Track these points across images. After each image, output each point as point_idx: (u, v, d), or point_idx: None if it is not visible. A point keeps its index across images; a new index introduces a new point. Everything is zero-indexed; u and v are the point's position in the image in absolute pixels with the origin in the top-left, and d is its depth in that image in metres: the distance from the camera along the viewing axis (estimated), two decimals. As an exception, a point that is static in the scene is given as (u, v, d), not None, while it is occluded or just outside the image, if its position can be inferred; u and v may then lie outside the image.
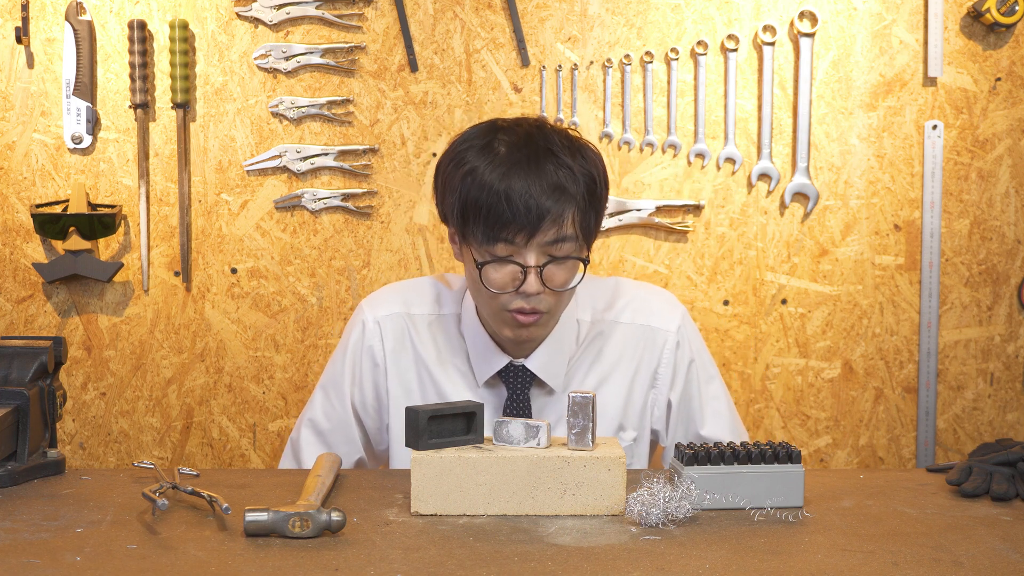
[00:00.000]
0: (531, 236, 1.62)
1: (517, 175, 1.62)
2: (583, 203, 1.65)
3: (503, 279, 1.66)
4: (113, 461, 2.55)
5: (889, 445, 2.55)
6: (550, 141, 1.66)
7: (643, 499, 1.39)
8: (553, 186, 1.62)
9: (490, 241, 1.63)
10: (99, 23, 2.47)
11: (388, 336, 1.84)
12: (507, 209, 1.60)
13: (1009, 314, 2.53)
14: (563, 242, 1.64)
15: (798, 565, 1.25)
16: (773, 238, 2.51)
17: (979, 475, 1.55)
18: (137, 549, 1.29)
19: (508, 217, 1.60)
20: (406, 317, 1.84)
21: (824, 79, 2.48)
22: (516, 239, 1.62)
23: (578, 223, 1.65)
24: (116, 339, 2.53)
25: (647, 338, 1.84)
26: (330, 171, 2.50)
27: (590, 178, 1.67)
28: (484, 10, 2.48)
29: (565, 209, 1.63)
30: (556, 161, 1.64)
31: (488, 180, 1.62)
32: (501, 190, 1.61)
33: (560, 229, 1.63)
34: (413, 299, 1.86)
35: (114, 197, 2.50)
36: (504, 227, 1.61)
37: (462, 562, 1.24)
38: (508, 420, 1.47)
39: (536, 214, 1.60)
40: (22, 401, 1.58)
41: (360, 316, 1.87)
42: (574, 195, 1.64)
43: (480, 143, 1.67)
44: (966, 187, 2.51)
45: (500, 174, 1.62)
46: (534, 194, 1.60)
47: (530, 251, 1.63)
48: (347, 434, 1.89)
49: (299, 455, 1.90)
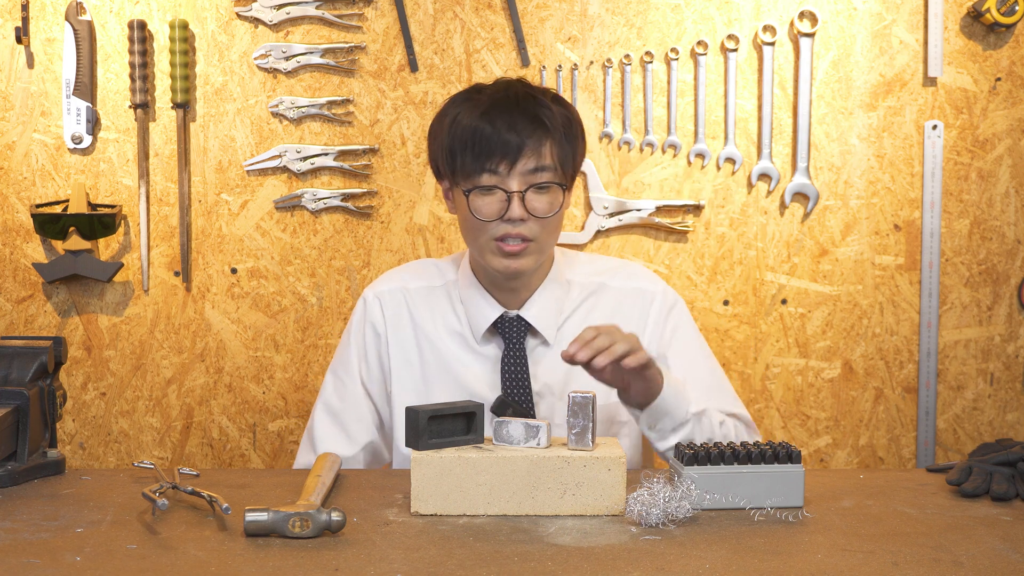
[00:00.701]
0: (513, 164, 1.76)
1: (499, 110, 1.77)
2: (560, 137, 1.79)
3: (489, 207, 1.77)
4: (113, 461, 2.55)
5: (889, 445, 2.55)
6: (529, 88, 1.83)
7: (643, 499, 1.39)
8: (532, 118, 1.77)
9: (476, 172, 1.76)
10: (99, 23, 2.47)
11: (388, 308, 1.94)
12: (490, 136, 1.75)
13: (1009, 314, 2.53)
14: (543, 171, 1.77)
15: (798, 565, 1.25)
16: (773, 238, 2.51)
17: (979, 475, 1.55)
18: (137, 549, 1.29)
19: (491, 144, 1.75)
20: (403, 291, 1.95)
21: (824, 79, 2.48)
22: (500, 167, 1.76)
23: (556, 155, 1.79)
24: (116, 339, 2.53)
25: (636, 297, 1.93)
26: (330, 171, 2.50)
27: (567, 118, 1.82)
28: (484, 10, 2.48)
29: (544, 139, 1.77)
30: (535, 101, 1.79)
31: (472, 117, 1.77)
32: (483, 124, 1.76)
33: (540, 159, 1.77)
34: (409, 276, 1.98)
35: (114, 197, 2.50)
36: (488, 156, 1.75)
37: (462, 562, 1.24)
38: (508, 420, 1.47)
39: (517, 142, 1.75)
40: (22, 401, 1.58)
41: (362, 295, 1.99)
42: (551, 129, 1.78)
43: (463, 96, 1.83)
44: (966, 187, 2.51)
45: (483, 111, 1.77)
46: (514, 124, 1.76)
47: (512, 178, 1.76)
48: (358, 412, 1.93)
49: (314, 440, 1.93)
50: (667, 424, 1.72)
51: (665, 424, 1.72)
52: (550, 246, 1.84)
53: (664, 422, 1.72)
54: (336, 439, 1.91)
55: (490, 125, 1.75)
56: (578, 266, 1.95)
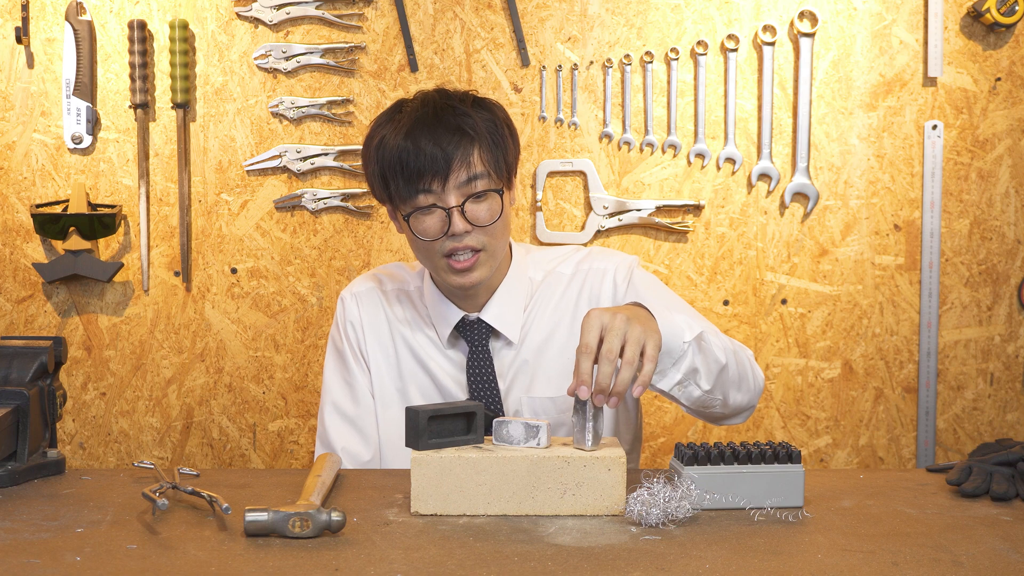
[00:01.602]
0: (445, 179, 1.74)
1: (420, 129, 1.75)
2: (487, 142, 1.77)
3: (432, 226, 1.76)
4: (113, 461, 2.55)
5: (889, 445, 2.55)
6: (448, 98, 1.80)
7: (643, 499, 1.39)
8: (454, 129, 1.75)
9: (412, 194, 1.75)
10: (99, 23, 2.47)
11: (364, 306, 1.95)
12: (416, 158, 1.73)
13: (1009, 314, 2.53)
14: (476, 180, 1.76)
15: (798, 565, 1.25)
16: (773, 238, 2.51)
17: (979, 475, 1.55)
18: (137, 549, 1.29)
19: (419, 164, 1.73)
20: (379, 291, 1.97)
21: (824, 79, 2.48)
22: (433, 186, 1.74)
23: (487, 161, 1.77)
24: (116, 339, 2.53)
25: (588, 280, 1.91)
26: (330, 171, 2.50)
27: (490, 121, 1.80)
28: (484, 10, 2.48)
29: (470, 148, 1.75)
30: (454, 111, 1.77)
31: (396, 140, 1.76)
32: (408, 144, 1.74)
33: (470, 168, 1.75)
34: (384, 277, 1.99)
35: (114, 197, 2.50)
36: (419, 176, 1.74)
37: (462, 562, 1.24)
38: (508, 420, 1.47)
39: (444, 157, 1.73)
40: (22, 401, 1.58)
41: (340, 297, 2.00)
42: (476, 136, 1.76)
43: (386, 117, 1.82)
44: (966, 187, 2.51)
45: (405, 132, 1.76)
46: (438, 140, 1.74)
47: (448, 194, 1.75)
48: (368, 410, 1.93)
49: (331, 445, 1.93)
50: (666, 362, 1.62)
51: (664, 363, 1.62)
52: (501, 249, 1.83)
53: (663, 361, 1.62)
54: (354, 442, 1.91)
55: (414, 145, 1.73)
56: (536, 260, 1.95)
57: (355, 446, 1.91)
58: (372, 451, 1.92)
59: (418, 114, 1.77)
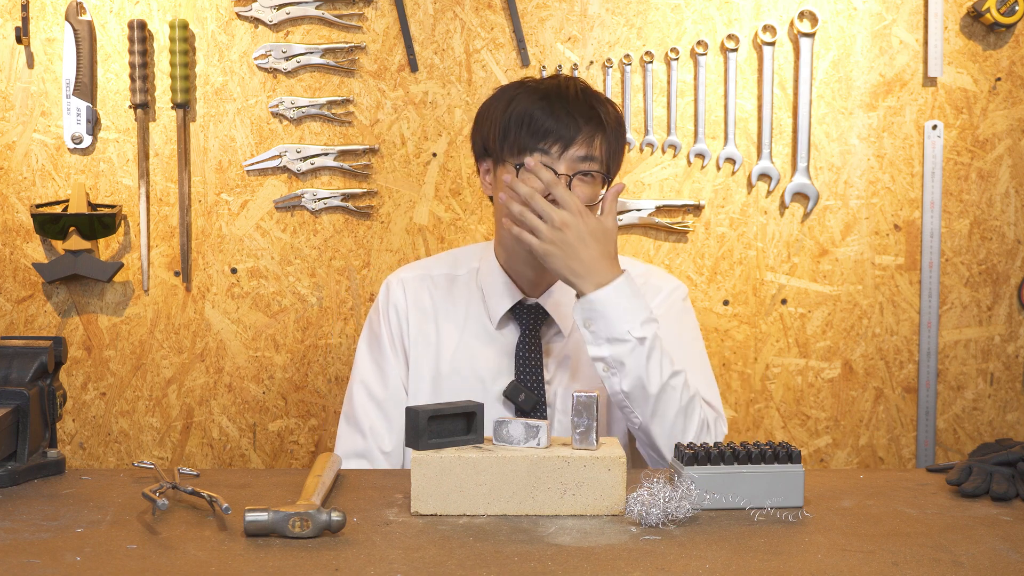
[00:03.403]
0: (565, 148, 1.79)
1: (558, 96, 1.81)
2: (611, 134, 1.83)
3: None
4: (113, 461, 2.55)
5: (889, 445, 2.55)
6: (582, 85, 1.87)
7: (643, 499, 1.39)
8: (589, 108, 1.81)
9: (528, 150, 1.79)
10: (99, 23, 2.47)
11: (409, 291, 1.97)
12: (549, 116, 1.78)
13: (1009, 314, 2.53)
14: (591, 160, 1.80)
15: (798, 565, 1.25)
16: (773, 238, 2.51)
17: (979, 475, 1.55)
18: (137, 549, 1.29)
19: (548, 126, 1.78)
20: (427, 277, 1.99)
21: (824, 79, 2.48)
22: (552, 149, 1.79)
23: (604, 150, 1.82)
24: (116, 339, 2.53)
25: (646, 291, 1.91)
26: (330, 171, 2.50)
27: (618, 120, 1.87)
28: (484, 10, 2.48)
29: (597, 132, 1.81)
30: (594, 96, 1.84)
31: (531, 97, 1.81)
32: (544, 103, 1.80)
33: (591, 148, 1.80)
34: (432, 264, 2.02)
35: (114, 197, 2.50)
36: (543, 136, 1.78)
37: (462, 562, 1.24)
38: (508, 420, 1.47)
39: (574, 126, 1.78)
40: (22, 401, 1.58)
41: (386, 281, 2.02)
42: (605, 123, 1.82)
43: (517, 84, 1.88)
44: (966, 187, 2.51)
45: (541, 94, 1.82)
46: (571, 110, 1.79)
47: (562, 162, 1.79)
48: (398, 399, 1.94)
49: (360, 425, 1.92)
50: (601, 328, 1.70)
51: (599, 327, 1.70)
52: None
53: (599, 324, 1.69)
54: (380, 424, 1.92)
55: (549, 107, 1.79)
56: None
57: (380, 428, 1.91)
58: (394, 441, 1.91)
59: (559, 85, 1.83)
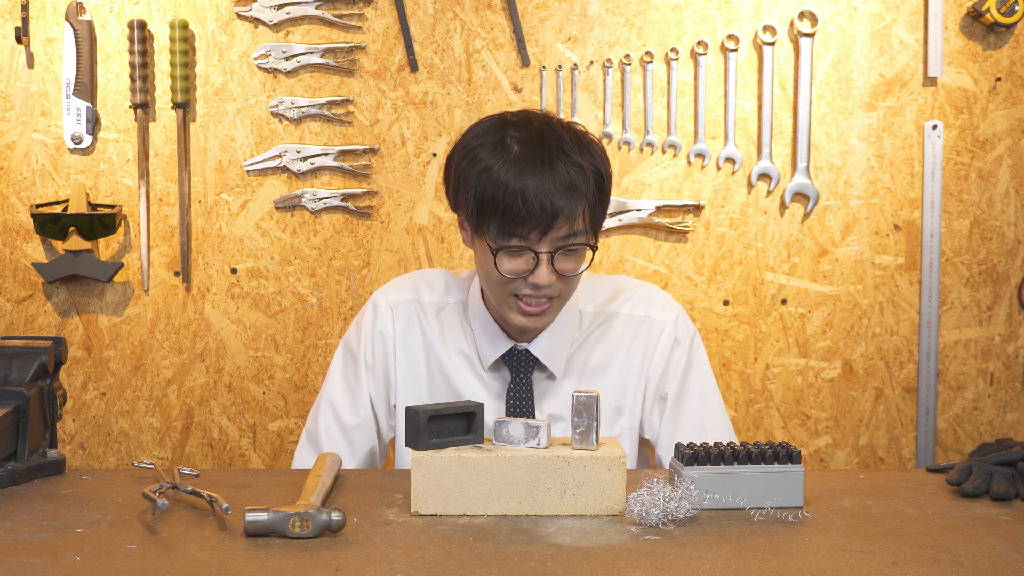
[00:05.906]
0: (545, 233, 1.68)
1: (531, 174, 1.67)
2: (593, 199, 1.71)
3: (516, 266, 1.71)
4: (113, 461, 2.55)
5: (889, 445, 2.55)
6: (560, 139, 1.71)
7: (643, 499, 1.39)
8: (566, 185, 1.68)
9: (505, 236, 1.69)
10: (99, 23, 2.47)
11: (399, 319, 1.89)
12: (523, 208, 1.66)
13: (1009, 314, 2.53)
14: (575, 236, 1.70)
15: (798, 565, 1.25)
16: (773, 238, 2.51)
17: (979, 475, 1.55)
18: (137, 549, 1.29)
19: (523, 216, 1.66)
20: (416, 304, 1.90)
21: (824, 79, 2.48)
22: (531, 235, 1.68)
23: (588, 218, 1.71)
24: (116, 339, 2.53)
25: (645, 328, 1.88)
26: (330, 171, 2.50)
27: (599, 175, 1.73)
28: (484, 10, 2.48)
29: (577, 206, 1.69)
30: (567, 160, 1.69)
31: (503, 179, 1.67)
32: (517, 190, 1.66)
33: (572, 225, 1.69)
34: (423, 287, 1.92)
35: (114, 197, 2.50)
36: (519, 225, 1.67)
37: (462, 562, 1.24)
38: (508, 420, 1.47)
39: (550, 213, 1.66)
40: (22, 401, 1.58)
41: (372, 300, 1.92)
42: (585, 192, 1.69)
43: (492, 140, 1.72)
44: (966, 187, 2.51)
45: (515, 173, 1.67)
46: (548, 194, 1.66)
47: (543, 244, 1.69)
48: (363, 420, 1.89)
49: (319, 444, 1.89)
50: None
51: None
52: (570, 295, 1.79)
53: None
54: (344, 451, 1.87)
55: (523, 193, 1.65)
56: (587, 290, 1.89)
57: (344, 453, 1.86)
58: (357, 458, 1.88)
59: (530, 154, 1.68)
